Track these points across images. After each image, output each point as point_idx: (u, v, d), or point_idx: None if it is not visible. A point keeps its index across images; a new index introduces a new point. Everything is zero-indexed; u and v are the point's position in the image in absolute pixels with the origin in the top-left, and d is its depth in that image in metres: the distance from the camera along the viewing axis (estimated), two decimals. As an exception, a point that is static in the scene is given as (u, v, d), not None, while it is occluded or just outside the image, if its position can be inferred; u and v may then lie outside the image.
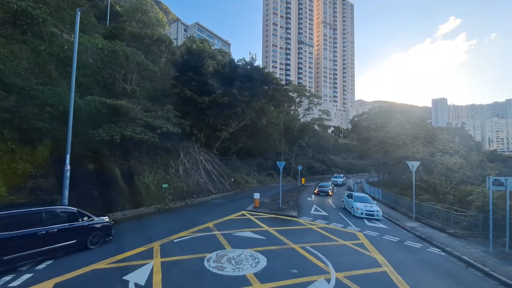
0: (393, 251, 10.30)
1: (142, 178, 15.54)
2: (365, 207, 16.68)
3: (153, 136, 14.41)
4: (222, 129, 19.32)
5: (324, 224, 13.79)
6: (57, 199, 10.97)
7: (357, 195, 18.56)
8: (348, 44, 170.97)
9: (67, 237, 7.91)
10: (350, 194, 19.11)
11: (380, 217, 16.24)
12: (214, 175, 22.00)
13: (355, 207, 16.93)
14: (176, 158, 19.36)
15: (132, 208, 13.64)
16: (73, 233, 8.13)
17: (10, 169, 10.58)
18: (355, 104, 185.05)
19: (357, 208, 16.71)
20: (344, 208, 19.30)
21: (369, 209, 16.46)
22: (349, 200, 18.44)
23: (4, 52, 13.20)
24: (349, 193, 19.49)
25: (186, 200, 17.50)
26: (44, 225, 7.39)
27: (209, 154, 22.94)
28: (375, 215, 16.27)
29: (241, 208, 16.96)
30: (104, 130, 12.93)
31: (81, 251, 8.24)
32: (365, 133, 36.02)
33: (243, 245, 9.49)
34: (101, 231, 9.02)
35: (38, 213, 7.45)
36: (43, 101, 12.80)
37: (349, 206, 18.01)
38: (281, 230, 11.89)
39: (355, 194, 18.92)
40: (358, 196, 18.58)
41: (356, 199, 17.84)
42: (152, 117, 14.71)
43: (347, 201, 18.83)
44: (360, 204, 17.04)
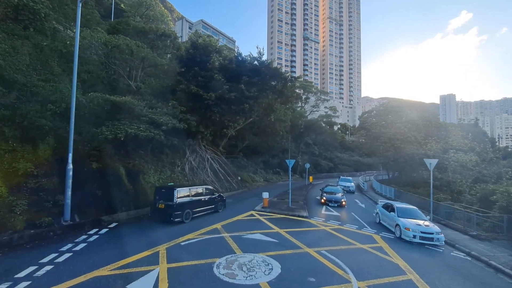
0: (415, 255, 9.58)
1: (148, 177, 15.07)
2: (418, 226, 11.31)
3: (158, 133, 13.89)
4: (229, 126, 18.74)
5: (338, 226, 13.10)
6: (59, 199, 10.56)
7: (401, 207, 13.10)
8: (354, 40, 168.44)
9: (211, 203, 14.41)
10: (389, 204, 13.89)
11: (442, 242, 11.03)
12: (220, 173, 21.46)
13: (403, 225, 11.55)
14: (182, 156, 18.86)
15: (137, 208, 13.17)
16: (213, 202, 14.65)
17: (11, 168, 10.16)
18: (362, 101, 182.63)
19: (407, 228, 11.32)
20: (379, 224, 14.10)
21: (424, 230, 11.08)
22: (389, 215, 13.05)
23: (5, 47, 12.79)
24: (387, 203, 14.33)
25: (193, 199, 16.97)
26: (203, 196, 13.84)
27: (216, 152, 22.40)
28: (434, 238, 10.86)
29: (249, 207, 16.38)
30: (108, 128, 12.45)
31: (215, 213, 14.58)
32: (375, 130, 34.99)
33: (254, 248, 8.90)
34: (223, 202, 15.52)
35: (198, 189, 13.71)
36: (45, 98, 12.36)
37: (390, 222, 12.87)
38: (292, 232, 11.26)
39: (397, 205, 13.32)
40: (403, 208, 13.00)
41: (400, 213, 12.53)
42: (157, 114, 14.18)
43: (385, 214, 13.54)
44: (410, 222, 11.61)
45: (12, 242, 8.29)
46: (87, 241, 9.01)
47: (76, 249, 8.23)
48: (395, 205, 13.41)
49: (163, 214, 11.86)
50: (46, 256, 7.49)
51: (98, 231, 10.21)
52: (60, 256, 7.60)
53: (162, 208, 11.88)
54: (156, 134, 13.73)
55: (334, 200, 18.35)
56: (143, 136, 13.63)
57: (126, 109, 13.85)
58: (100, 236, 9.59)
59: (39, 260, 7.22)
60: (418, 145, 33.02)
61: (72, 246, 8.47)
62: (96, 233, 9.89)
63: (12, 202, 9.33)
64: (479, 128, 49.27)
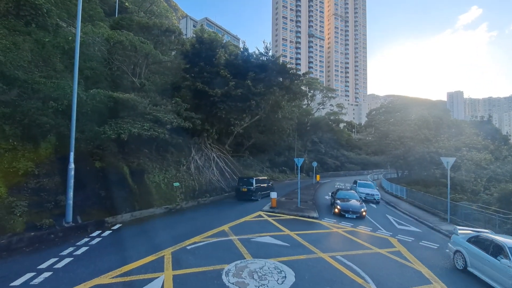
0: (437, 261, 8.92)
1: (152, 177, 14.62)
2: None
3: (162, 132, 13.42)
4: (235, 124, 18.19)
5: (351, 228, 12.46)
6: (61, 200, 10.16)
7: None
8: (360, 37, 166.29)
9: (268, 189, 20.32)
10: (489, 241, 7.51)
11: None
12: (227, 172, 20.96)
13: None
14: (188, 155, 18.39)
15: (141, 208, 12.73)
16: (269, 188, 20.92)
17: (11, 168, 9.78)
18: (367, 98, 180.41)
19: None
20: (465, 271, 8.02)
21: None
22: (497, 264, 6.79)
23: (6, 43, 12.42)
24: (481, 237, 7.95)
25: (199, 199, 16.53)
26: (264, 183, 20.55)
27: (221, 151, 21.89)
28: None
29: (257, 208, 15.84)
30: (111, 127, 12.01)
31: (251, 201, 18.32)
32: (383, 128, 34.07)
33: (264, 253, 8.35)
34: (273, 187, 21.44)
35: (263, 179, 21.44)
36: (46, 95, 11.98)
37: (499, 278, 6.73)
38: (304, 235, 10.67)
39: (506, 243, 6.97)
40: None
41: None
42: (162, 112, 13.70)
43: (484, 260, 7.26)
44: None
45: (11, 245, 7.90)
46: (89, 244, 8.58)
47: (77, 253, 7.79)
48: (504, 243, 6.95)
49: (246, 195, 18.53)
50: (45, 261, 7.06)
51: (101, 233, 9.78)
52: (60, 261, 7.16)
53: (245, 191, 18.50)
54: (161, 133, 13.27)
55: (352, 210, 14.26)
56: (146, 135, 13.17)
57: (130, 107, 13.40)
58: (102, 239, 9.16)
59: (38, 266, 6.79)
60: (428, 143, 32.05)
61: (73, 249, 8.04)
62: (98, 236, 9.47)
63: (11, 203, 8.94)
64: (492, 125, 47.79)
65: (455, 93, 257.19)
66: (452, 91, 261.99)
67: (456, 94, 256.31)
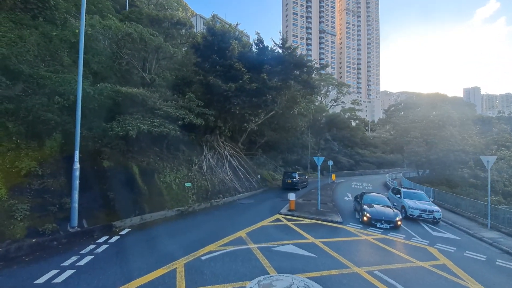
0: (493, 278, 7.58)
1: (163, 177, 13.79)
2: None
3: (173, 128, 12.52)
4: (250, 120, 17.18)
5: (381, 235, 11.19)
6: (66, 202, 9.40)
7: None
8: (372, 32, 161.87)
9: (305, 181, 27.19)
10: None
11: None
12: (240, 171, 19.98)
13: None
14: (200, 153, 17.50)
15: (152, 211, 11.89)
16: (306, 180, 27.78)
17: (13, 168, 9.09)
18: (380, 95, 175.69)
19: None
20: None
21: None
22: None
23: (11, 37, 11.80)
24: None
25: (211, 200, 15.61)
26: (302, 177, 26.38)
27: (235, 149, 20.93)
28: None
29: (274, 210, 14.77)
30: (119, 123, 11.20)
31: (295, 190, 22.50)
32: (404, 124, 32.16)
33: (289, 266, 7.27)
34: (307, 181, 28.70)
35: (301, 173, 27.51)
36: (52, 90, 11.28)
37: None
38: (331, 243, 9.52)
39: None
40: None
41: None
42: (173, 107, 12.81)
43: None
44: None
45: (9, 254, 7.14)
46: (94, 252, 7.74)
47: (80, 264, 6.94)
48: None
49: (290, 185, 23.51)
50: (44, 274, 6.25)
51: (108, 239, 8.96)
52: (61, 274, 6.33)
53: (289, 182, 23.73)
54: (172, 130, 12.38)
55: (385, 219, 12.15)
56: (157, 132, 12.32)
57: (139, 102, 12.57)
58: (109, 246, 8.31)
59: (35, 280, 5.98)
60: (453, 140, 30.00)
61: (77, 259, 7.21)
62: (105, 242, 8.63)
63: (12, 206, 8.22)
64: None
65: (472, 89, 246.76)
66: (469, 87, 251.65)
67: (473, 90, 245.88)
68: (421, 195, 16.19)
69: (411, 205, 14.70)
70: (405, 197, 15.94)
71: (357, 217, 14.15)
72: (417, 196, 16.08)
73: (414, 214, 14.33)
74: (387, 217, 12.32)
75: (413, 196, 15.95)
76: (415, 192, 16.72)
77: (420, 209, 14.31)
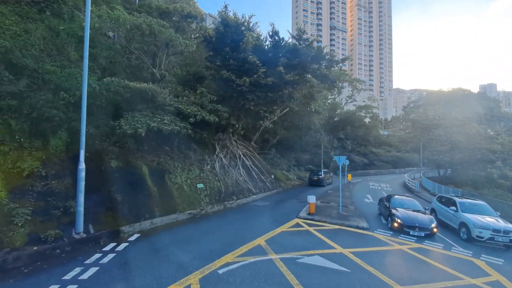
0: None
1: (174, 177, 12.99)
2: None
3: (185, 126, 11.68)
4: (265, 117, 16.20)
5: (415, 243, 9.99)
6: (71, 206, 8.68)
7: None
8: (385, 27, 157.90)
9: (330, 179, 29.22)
10: None
11: None
12: (254, 172, 19.03)
13: None
14: (212, 152, 16.65)
15: (162, 214, 11.09)
16: (330, 178, 29.52)
17: (14, 168, 8.43)
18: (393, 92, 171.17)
19: None
20: None
21: None
22: None
23: (16, 30, 11.22)
24: None
25: (225, 202, 14.72)
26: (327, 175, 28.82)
27: (248, 148, 20.00)
28: None
29: (291, 213, 13.75)
30: (127, 120, 10.42)
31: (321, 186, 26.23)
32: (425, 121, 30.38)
33: (321, 284, 6.25)
34: (333, 179, 30.94)
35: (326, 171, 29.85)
36: (58, 86, 10.62)
37: None
38: (361, 254, 8.43)
39: None
40: None
41: None
42: (184, 103, 11.97)
43: None
44: None
45: (6, 264, 6.42)
46: (100, 263, 6.94)
47: (83, 277, 6.15)
48: None
49: (316, 182, 26.24)
50: (41, 291, 5.47)
51: (116, 246, 8.17)
52: (60, 290, 5.54)
53: (316, 179, 26.36)
54: (183, 128, 11.53)
55: (419, 225, 10.70)
56: (167, 130, 11.49)
57: (148, 98, 11.78)
58: (116, 255, 7.51)
59: (30, 299, 5.19)
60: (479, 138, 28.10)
61: (80, 271, 6.42)
62: (112, 250, 7.85)
63: (12, 211, 7.53)
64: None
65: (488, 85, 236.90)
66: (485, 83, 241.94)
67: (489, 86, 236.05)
68: (484, 208, 12.09)
69: (477, 223, 10.69)
70: (464, 210, 11.89)
71: (384, 223, 12.94)
72: (480, 208, 12.01)
73: (483, 236, 10.36)
74: (421, 223, 10.98)
75: (474, 209, 11.93)
76: (475, 204, 12.49)
77: (492, 228, 10.34)
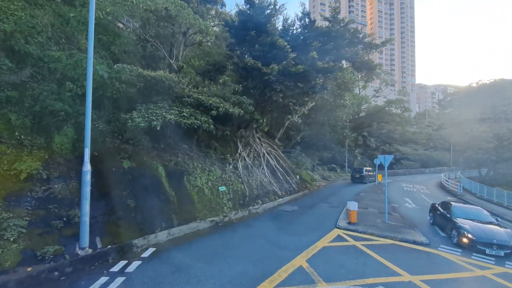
0: None
1: (194, 179, 11.46)
2: None
3: (206, 120, 10.08)
4: (293, 111, 14.34)
5: (496, 266, 7.80)
6: (76, 214, 7.31)
7: None
8: (407, 20, 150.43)
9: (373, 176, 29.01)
10: None
11: None
12: (279, 172, 17.23)
13: None
14: (234, 151, 15.03)
15: (181, 223, 9.57)
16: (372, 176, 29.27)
17: (10, 170, 7.14)
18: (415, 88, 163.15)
19: None
20: None
21: None
22: None
23: (21, 15, 10.06)
24: None
25: (249, 207, 13.06)
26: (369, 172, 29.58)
27: (272, 146, 18.21)
28: None
29: (327, 221, 11.84)
30: (140, 113, 8.95)
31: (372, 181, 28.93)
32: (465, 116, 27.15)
33: None
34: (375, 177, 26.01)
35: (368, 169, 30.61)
36: (63, 75, 9.34)
37: None
38: (439, 285, 6.41)
39: None
40: None
41: None
42: (204, 94, 10.38)
43: None
44: None
45: (-11, 294, 5.06)
46: (105, 292, 5.44)
47: (81, 316, 4.64)
48: None
49: (358, 179, 27.76)
50: None
51: (126, 266, 6.68)
52: None
53: (358, 177, 27.82)
54: (204, 122, 9.92)
55: (498, 242, 8.61)
56: (186, 125, 9.94)
57: (165, 89, 10.28)
58: (126, 279, 6.00)
59: None
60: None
61: (79, 305, 4.93)
62: (121, 272, 6.36)
63: (3, 222, 6.21)
64: None
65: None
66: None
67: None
68: None
69: None
70: None
71: (442, 235, 10.73)
72: None
73: None
74: (500, 240, 8.72)
75: None
76: None
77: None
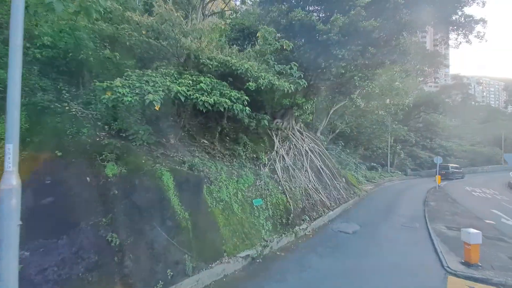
0: None
1: (217, 190, 7.67)
2: None
3: (239, 97, 6.19)
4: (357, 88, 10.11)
5: None
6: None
7: None
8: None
9: (459, 174, 31.39)
10: None
11: None
12: (325, 175, 13.13)
13: None
14: (269, 148, 11.13)
15: (199, 266, 5.84)
16: (460, 173, 31.74)
17: None
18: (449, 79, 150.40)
19: None
20: None
21: None
22: None
23: None
24: None
25: (295, 227, 9.13)
26: (456, 170, 32.11)
27: (315, 141, 14.10)
28: None
29: (421, 256, 7.64)
30: (127, 80, 5.20)
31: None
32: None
33: None
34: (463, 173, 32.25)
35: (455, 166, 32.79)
36: None
37: None
38: None
39: None
40: None
41: None
42: (234, 55, 6.53)
43: None
44: None
45: None
46: None
47: None
48: None
49: (445, 176, 26.95)
50: None
51: None
52: None
53: (444, 173, 26.83)
54: (237, 100, 6.01)
55: None
56: (208, 104, 6.10)
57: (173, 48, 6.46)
58: None
59: None
60: None
61: None
62: None
63: None
64: None
65: None
66: None
67: None
68: None
69: None
70: None
71: None
72: None
73: None
74: None
75: None
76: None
77: None
